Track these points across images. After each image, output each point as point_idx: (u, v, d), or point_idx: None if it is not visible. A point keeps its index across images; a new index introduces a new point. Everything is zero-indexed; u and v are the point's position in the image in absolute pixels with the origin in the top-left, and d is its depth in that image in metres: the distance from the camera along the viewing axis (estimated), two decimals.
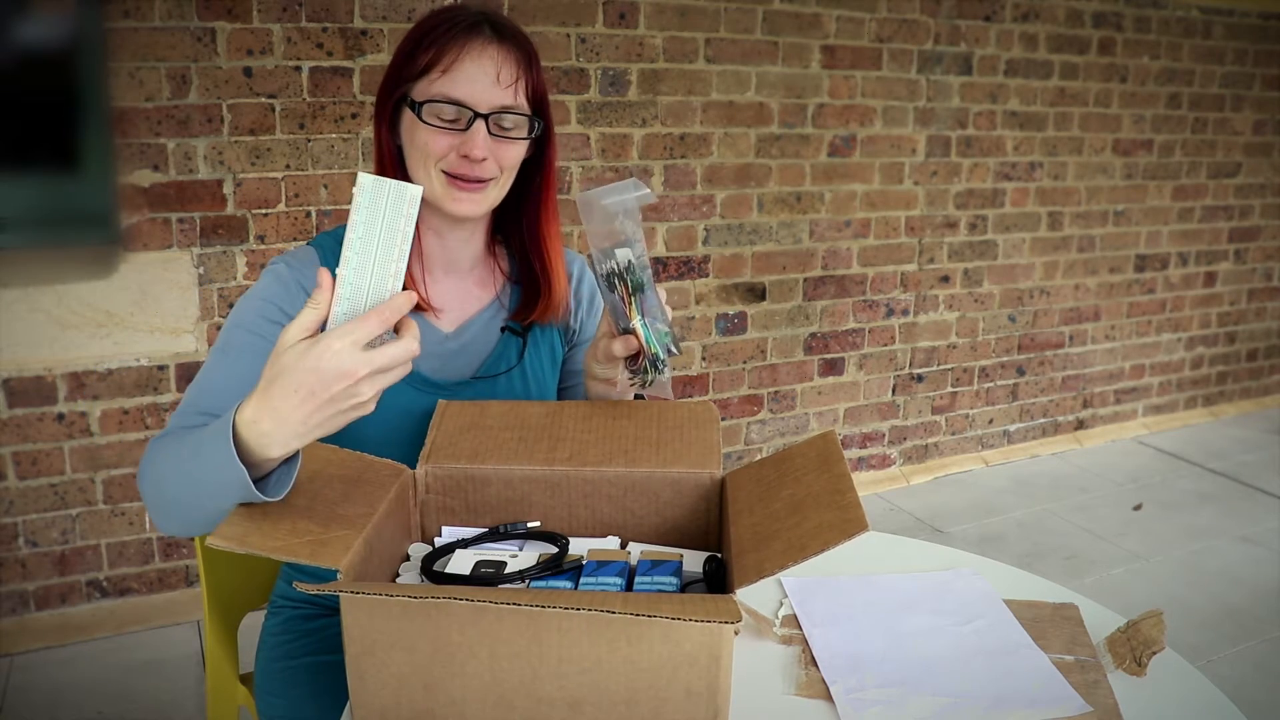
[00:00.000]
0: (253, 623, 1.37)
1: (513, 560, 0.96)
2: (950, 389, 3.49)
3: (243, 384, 0.93)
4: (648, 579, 0.92)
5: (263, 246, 2.35)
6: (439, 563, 0.97)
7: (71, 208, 2.20)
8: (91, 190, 2.20)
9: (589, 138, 2.68)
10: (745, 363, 3.08)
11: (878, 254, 3.21)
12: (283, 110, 2.31)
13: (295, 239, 2.39)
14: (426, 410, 1.13)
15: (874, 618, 1.06)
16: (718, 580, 0.94)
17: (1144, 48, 3.53)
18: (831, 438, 0.98)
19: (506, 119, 1.12)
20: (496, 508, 1.05)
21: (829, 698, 0.92)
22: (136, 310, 2.26)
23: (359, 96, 2.38)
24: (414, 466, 1.04)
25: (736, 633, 0.93)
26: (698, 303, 2.95)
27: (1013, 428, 3.67)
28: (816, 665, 0.97)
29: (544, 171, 1.22)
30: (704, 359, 3.00)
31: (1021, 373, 3.63)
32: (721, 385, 3.05)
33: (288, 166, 2.34)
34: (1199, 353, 4.07)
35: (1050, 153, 3.44)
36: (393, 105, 1.14)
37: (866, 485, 3.32)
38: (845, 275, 3.17)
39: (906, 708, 0.91)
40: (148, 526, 2.38)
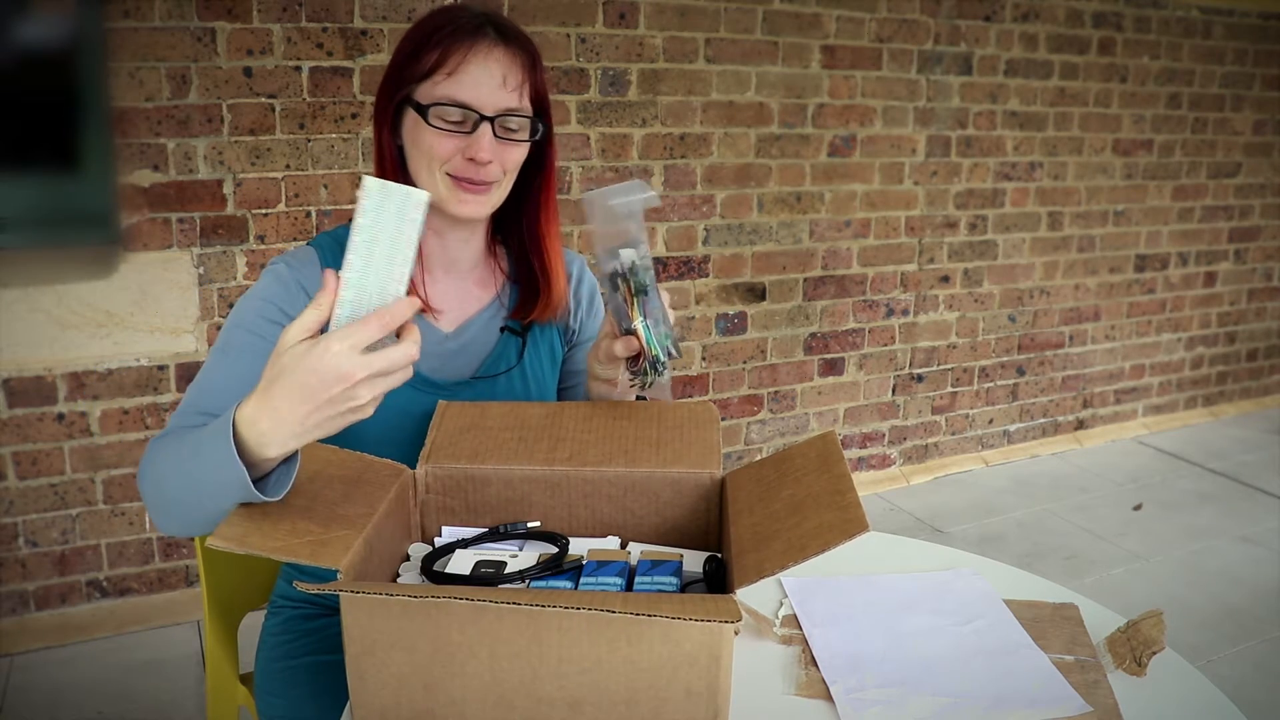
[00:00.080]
0: (253, 623, 1.36)
1: (513, 560, 0.96)
2: (950, 389, 3.49)
3: (243, 384, 0.93)
4: (648, 579, 0.92)
5: (263, 246, 2.36)
6: (439, 563, 0.97)
7: (71, 208, 2.20)
8: (91, 190, 2.20)
9: (589, 138, 2.68)
10: (745, 363, 3.08)
11: (878, 254, 3.21)
12: (283, 110, 2.31)
13: (295, 239, 2.39)
14: (426, 410, 1.13)
15: (874, 618, 1.06)
16: (718, 580, 0.94)
17: (1144, 48, 3.53)
18: (831, 438, 0.98)
19: (511, 121, 1.12)
20: (496, 508, 1.05)
21: (829, 698, 0.92)
22: (136, 310, 2.26)
23: (359, 96, 2.38)
24: (414, 466, 1.04)
25: (736, 633, 0.93)
26: (698, 303, 2.95)
27: (1013, 428, 3.67)
28: (816, 665, 0.97)
29: (544, 172, 1.22)
30: (704, 359, 3.00)
31: (1021, 373, 3.63)
32: (721, 385, 3.05)
33: (288, 166, 2.34)
34: (1199, 353, 4.07)
35: (1050, 153, 3.44)
36: (395, 106, 1.14)
37: (866, 485, 3.32)
38: (845, 275, 3.17)
39: (906, 708, 0.91)
40: (148, 526, 2.38)
